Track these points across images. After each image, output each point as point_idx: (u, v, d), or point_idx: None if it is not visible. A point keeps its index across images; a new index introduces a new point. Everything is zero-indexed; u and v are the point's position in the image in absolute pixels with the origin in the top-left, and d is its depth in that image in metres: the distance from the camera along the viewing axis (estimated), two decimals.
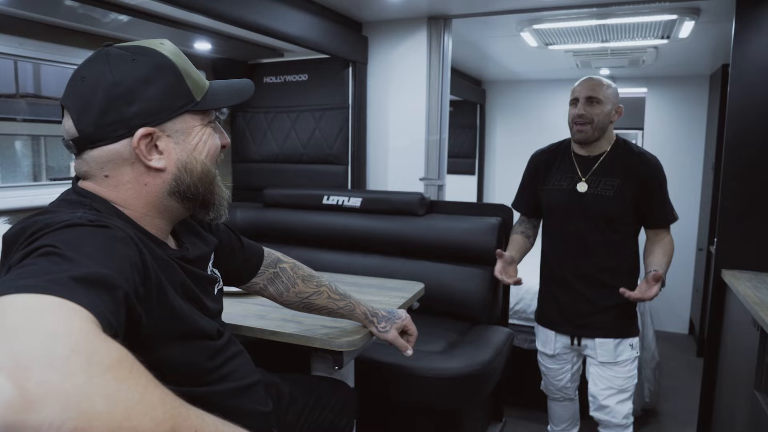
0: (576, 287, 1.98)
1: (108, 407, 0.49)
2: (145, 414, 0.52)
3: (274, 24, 2.24)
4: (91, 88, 0.87)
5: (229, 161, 3.25)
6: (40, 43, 2.09)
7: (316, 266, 2.45)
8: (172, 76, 0.91)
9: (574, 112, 1.92)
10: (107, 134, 0.87)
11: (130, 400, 0.51)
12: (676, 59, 3.66)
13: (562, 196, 1.97)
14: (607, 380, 1.98)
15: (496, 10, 2.66)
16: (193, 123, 0.94)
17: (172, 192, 0.94)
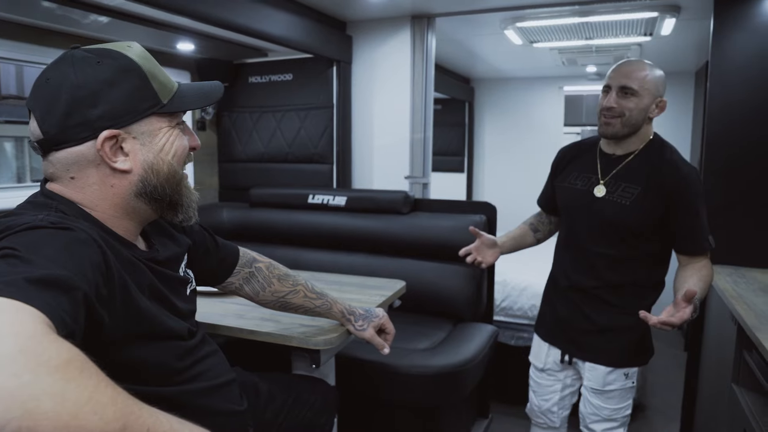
0: (574, 300, 1.75)
1: (55, 406, 0.50)
2: (94, 413, 0.53)
3: (257, 24, 2.24)
4: (55, 90, 0.88)
5: (216, 161, 3.26)
6: (19, 44, 2.09)
7: (302, 265, 2.49)
8: (137, 79, 0.91)
9: (603, 102, 1.62)
10: (71, 136, 0.88)
11: (79, 399, 0.52)
12: (661, 56, 3.68)
13: (574, 197, 1.74)
14: (594, 407, 1.77)
15: (479, 9, 2.67)
16: (159, 125, 0.95)
17: (138, 193, 0.94)
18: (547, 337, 1.87)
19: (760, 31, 2.17)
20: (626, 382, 1.73)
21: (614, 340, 1.71)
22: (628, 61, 1.63)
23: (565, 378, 1.87)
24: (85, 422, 0.51)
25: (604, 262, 1.68)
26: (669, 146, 1.69)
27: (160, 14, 2.08)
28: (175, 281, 1.10)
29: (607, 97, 1.61)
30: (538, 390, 1.93)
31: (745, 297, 1.86)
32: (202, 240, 1.29)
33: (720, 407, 2.00)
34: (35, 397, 0.49)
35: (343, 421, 1.98)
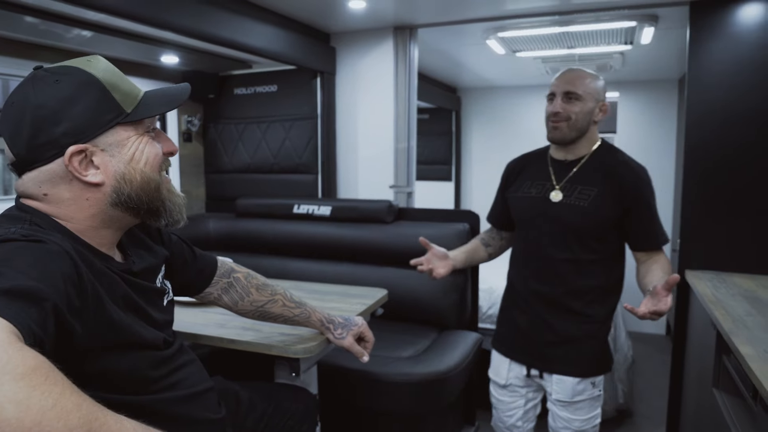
0: (537, 311, 1.73)
1: (18, 413, 0.51)
2: (58, 419, 0.54)
3: (240, 38, 2.27)
4: (19, 113, 0.89)
5: (202, 172, 3.27)
6: (4, 58, 2.11)
7: (288, 275, 2.50)
8: (98, 92, 0.92)
9: (549, 108, 1.68)
10: (39, 155, 0.90)
11: (43, 406, 0.54)
12: (644, 64, 3.74)
13: (529, 205, 1.74)
14: (565, 420, 1.76)
15: (459, 20, 2.71)
16: (126, 134, 0.95)
17: (114, 203, 0.96)
18: (509, 353, 1.84)
19: (735, 39, 2.21)
20: (594, 391, 1.74)
21: (581, 350, 1.70)
22: (570, 69, 1.70)
23: (527, 393, 1.85)
24: (49, 428, 0.53)
25: (568, 267, 1.68)
26: (618, 149, 1.76)
27: (143, 28, 2.10)
28: (152, 292, 1.11)
29: (552, 103, 1.67)
30: (500, 407, 1.90)
31: (723, 302, 1.89)
32: (180, 251, 1.30)
33: (703, 412, 2.01)
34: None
35: (327, 430, 1.99)
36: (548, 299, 1.71)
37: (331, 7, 2.52)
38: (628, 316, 4.27)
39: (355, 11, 2.56)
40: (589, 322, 1.70)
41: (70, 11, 1.80)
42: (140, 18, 1.86)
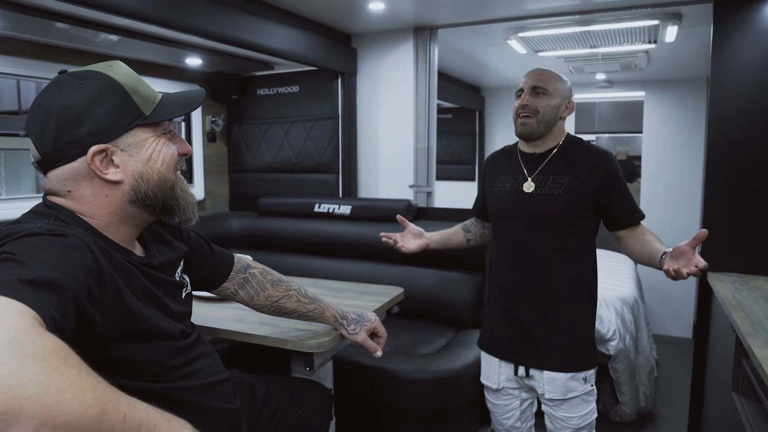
0: (523, 305, 1.71)
1: (39, 392, 0.56)
2: (74, 398, 0.58)
3: (261, 40, 2.32)
4: (45, 114, 0.95)
5: (226, 171, 3.35)
6: (37, 62, 2.20)
7: (309, 273, 2.54)
8: (119, 95, 0.98)
9: (518, 102, 1.70)
10: (64, 155, 0.95)
11: (61, 386, 0.58)
12: (671, 62, 3.68)
13: (505, 198, 1.75)
14: (562, 420, 1.73)
15: (479, 20, 2.72)
16: (144, 136, 1.00)
17: (132, 201, 1.01)
18: (497, 352, 1.81)
19: (760, 38, 2.17)
20: (586, 386, 1.71)
21: (569, 343, 1.69)
22: (538, 68, 1.74)
23: (521, 393, 1.82)
24: (65, 407, 0.57)
25: (550, 256, 1.68)
26: (582, 139, 1.78)
27: (168, 32, 2.17)
28: (170, 285, 1.15)
29: (523, 98, 1.69)
30: (496, 410, 1.88)
31: (744, 305, 1.86)
32: (199, 247, 1.35)
33: (723, 416, 1.98)
34: (22, 383, 0.55)
35: (344, 425, 2.02)
36: (535, 291, 1.70)
37: (352, 8, 2.56)
38: (653, 318, 4.21)
39: (375, 12, 2.60)
40: (573, 311, 1.70)
41: (98, 17, 1.88)
42: (165, 22, 1.93)
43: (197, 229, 1.34)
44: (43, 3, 1.73)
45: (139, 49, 2.32)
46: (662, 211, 4.29)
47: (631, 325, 2.97)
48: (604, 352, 2.78)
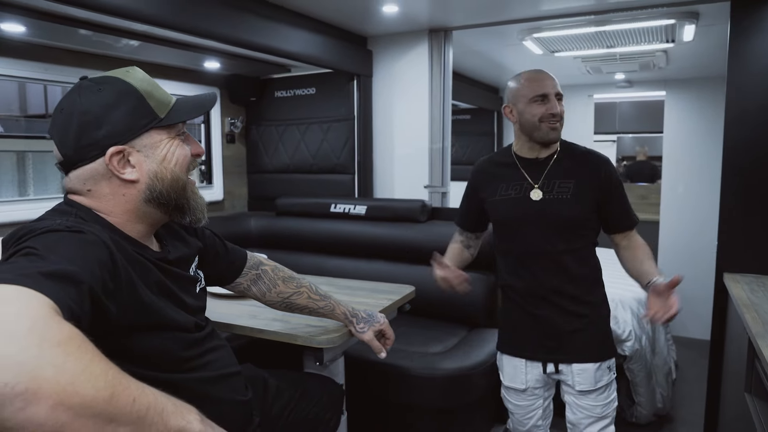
0: (546, 305, 1.75)
1: (56, 374, 0.61)
2: (88, 381, 0.64)
3: (277, 43, 2.38)
4: (67, 118, 1.02)
5: (245, 172, 3.42)
6: (62, 67, 2.29)
7: (325, 272, 2.59)
8: (135, 99, 1.03)
9: (546, 110, 1.68)
10: (84, 156, 1.01)
11: (76, 369, 0.63)
12: (690, 61, 3.63)
13: (513, 206, 1.75)
14: (586, 409, 1.77)
15: (494, 21, 2.73)
16: (159, 137, 1.06)
17: (147, 199, 1.06)
18: (524, 353, 1.81)
19: None
20: (610, 375, 1.78)
21: (593, 335, 1.76)
22: (544, 72, 1.74)
23: (544, 392, 1.85)
24: (80, 389, 0.62)
25: (567, 258, 1.72)
26: (573, 143, 1.82)
27: (187, 36, 2.24)
28: (185, 279, 1.20)
29: (548, 104, 1.68)
30: (519, 411, 1.87)
31: (758, 305, 1.85)
32: (213, 245, 1.40)
33: (737, 418, 1.97)
34: (40, 367, 0.61)
35: (357, 422, 2.06)
36: (556, 291, 1.74)
37: (367, 11, 2.60)
38: (677, 321, 4.16)
39: (389, 15, 2.63)
40: (593, 306, 1.76)
41: (118, 23, 1.95)
42: (183, 28, 2.00)
43: (213, 228, 1.40)
44: (67, 11, 1.81)
45: (158, 54, 2.40)
46: (682, 212, 4.24)
47: (648, 326, 2.95)
48: (619, 352, 2.76)
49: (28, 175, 3.14)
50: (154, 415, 0.72)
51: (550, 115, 1.68)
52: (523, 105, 1.70)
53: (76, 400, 0.62)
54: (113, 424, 0.65)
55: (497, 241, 1.86)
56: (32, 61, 2.22)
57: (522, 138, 1.76)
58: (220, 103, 3.16)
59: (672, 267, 4.33)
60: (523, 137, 1.75)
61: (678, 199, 4.31)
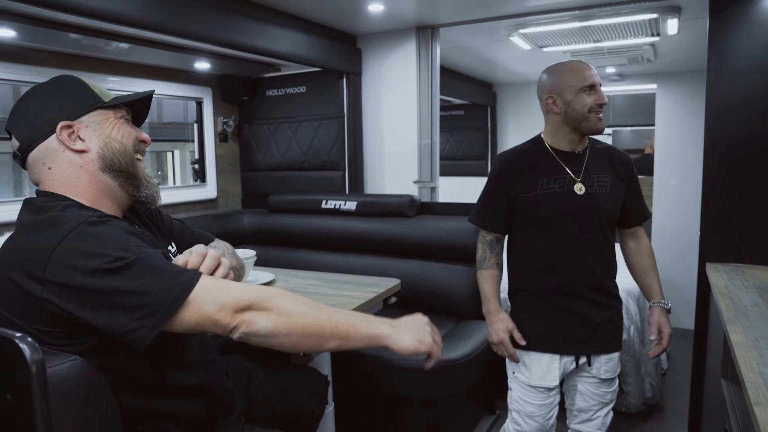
0: (583, 298, 1.74)
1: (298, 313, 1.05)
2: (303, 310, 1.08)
3: (266, 44, 2.43)
4: (22, 108, 1.15)
5: (238, 170, 3.47)
6: (54, 70, 2.34)
7: (316, 267, 2.63)
8: (81, 87, 1.18)
9: (594, 100, 1.66)
10: (38, 134, 1.13)
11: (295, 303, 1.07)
12: (679, 55, 3.66)
13: (559, 201, 1.70)
14: (600, 396, 1.81)
15: (479, 18, 2.77)
16: (106, 116, 1.17)
17: (102, 168, 1.15)
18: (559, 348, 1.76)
19: (757, 30, 2.17)
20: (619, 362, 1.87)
21: (617, 325, 1.82)
22: (584, 62, 1.72)
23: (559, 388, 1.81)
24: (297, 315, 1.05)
25: (604, 251, 1.75)
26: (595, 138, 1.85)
27: (176, 38, 2.28)
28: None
29: (596, 94, 1.67)
30: (541, 412, 1.78)
31: (733, 293, 1.89)
32: (181, 231, 1.48)
33: (716, 403, 2.01)
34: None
35: (346, 413, 2.11)
36: (593, 284, 1.74)
37: (354, 10, 2.64)
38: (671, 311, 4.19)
39: (376, 14, 2.67)
40: (618, 298, 1.83)
41: (108, 27, 2.00)
42: (172, 31, 2.05)
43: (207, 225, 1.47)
44: (56, 16, 1.86)
45: (149, 55, 2.45)
46: (674, 204, 4.27)
47: (636, 317, 2.99)
48: None
49: (24, 176, 3.23)
50: (350, 328, 1.08)
51: (598, 105, 1.67)
52: (572, 95, 1.66)
53: (297, 324, 1.04)
54: (323, 338, 1.05)
55: (525, 239, 1.77)
56: (26, 64, 2.28)
57: (564, 129, 1.71)
58: (213, 102, 3.22)
59: (664, 258, 4.35)
60: (565, 128, 1.71)
61: (670, 191, 4.34)
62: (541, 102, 1.76)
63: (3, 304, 1.01)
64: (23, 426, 0.83)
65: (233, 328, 1.01)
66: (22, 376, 0.82)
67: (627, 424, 2.92)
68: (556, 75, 1.70)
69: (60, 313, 0.96)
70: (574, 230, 1.71)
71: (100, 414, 0.97)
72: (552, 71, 1.73)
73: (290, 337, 1.04)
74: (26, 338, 0.83)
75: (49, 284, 0.94)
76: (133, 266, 0.97)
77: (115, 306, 0.95)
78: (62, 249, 0.96)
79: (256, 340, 1.03)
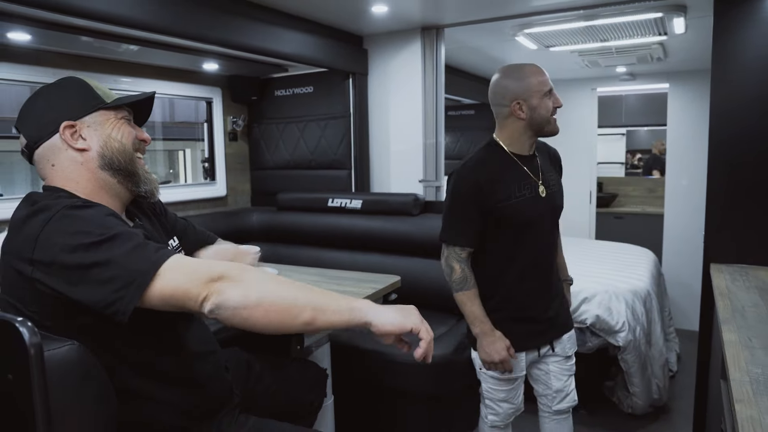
0: (549, 294, 1.83)
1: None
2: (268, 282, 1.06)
3: (273, 46, 2.49)
4: (29, 108, 1.22)
5: (247, 169, 3.54)
6: (68, 71, 2.42)
7: (322, 264, 2.68)
8: (84, 88, 1.23)
9: (553, 103, 1.69)
10: (43, 133, 1.18)
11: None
12: (690, 53, 3.63)
13: (531, 206, 1.72)
14: (568, 370, 1.92)
15: (483, 18, 2.79)
16: (107, 116, 1.23)
17: (101, 166, 1.21)
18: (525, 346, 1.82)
19: (762, 29, 2.16)
20: None
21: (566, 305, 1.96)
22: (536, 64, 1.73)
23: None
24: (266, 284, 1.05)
25: (557, 244, 1.93)
26: None
27: (184, 40, 2.34)
28: None
29: (554, 97, 1.70)
30: (511, 395, 1.87)
31: (734, 293, 1.89)
32: (184, 228, 1.55)
33: (720, 405, 2.01)
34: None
35: (347, 407, 2.14)
36: (553, 280, 1.87)
37: (358, 12, 2.68)
38: (680, 313, 4.16)
39: (380, 15, 2.71)
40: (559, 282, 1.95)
41: (118, 30, 2.07)
42: (180, 34, 2.11)
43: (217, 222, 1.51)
44: (69, 20, 1.93)
45: (158, 57, 2.52)
46: (686, 205, 4.23)
47: (643, 318, 2.97)
48: (613, 343, 2.81)
49: None
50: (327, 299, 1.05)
51: (555, 108, 1.71)
52: (537, 100, 1.66)
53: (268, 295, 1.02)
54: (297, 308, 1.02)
55: (500, 248, 1.75)
56: (40, 66, 2.36)
57: (526, 134, 1.72)
58: (222, 102, 3.28)
59: (675, 259, 4.32)
60: (528, 133, 1.71)
61: (682, 191, 4.31)
62: (500, 107, 1.73)
63: (6, 290, 1.09)
64: (23, 403, 0.88)
65: (204, 299, 1.00)
66: (22, 357, 0.87)
67: (633, 425, 2.91)
68: (520, 79, 1.68)
69: (50, 293, 1.02)
70: (544, 232, 1.78)
71: (96, 396, 1.02)
72: (514, 76, 1.69)
73: (260, 308, 1.00)
74: (26, 323, 0.89)
75: (38, 264, 1.01)
76: (111, 241, 1.01)
77: (95, 280, 0.99)
78: (48, 230, 1.02)
79: (226, 314, 1.00)
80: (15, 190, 3.52)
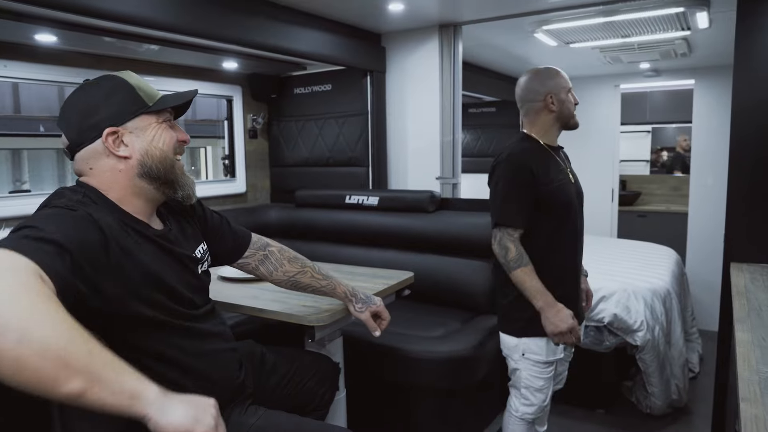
0: (578, 279, 1.98)
1: (23, 316, 0.78)
2: (48, 324, 0.80)
3: (291, 44, 2.52)
4: (71, 109, 1.21)
5: (267, 166, 3.59)
6: (92, 71, 2.50)
7: (339, 260, 2.71)
8: (127, 90, 1.21)
9: (574, 98, 1.91)
10: (86, 137, 1.19)
11: (41, 314, 0.80)
12: (716, 49, 3.55)
13: (568, 189, 1.89)
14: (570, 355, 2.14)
15: (501, 15, 2.78)
16: (149, 121, 1.23)
17: (140, 174, 1.22)
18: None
19: None
20: None
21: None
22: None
23: None
24: (41, 328, 0.79)
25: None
26: None
27: (204, 40, 2.40)
28: (186, 258, 1.32)
29: (573, 94, 1.92)
30: (547, 385, 1.92)
31: (751, 293, 1.86)
32: (219, 226, 1.55)
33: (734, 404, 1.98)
34: (11, 310, 0.78)
35: (359, 401, 2.16)
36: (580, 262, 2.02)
37: (375, 9, 2.70)
38: (704, 314, 4.08)
39: (397, 12, 2.72)
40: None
41: (139, 30, 2.13)
42: (200, 34, 2.16)
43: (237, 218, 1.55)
44: (92, 22, 1.99)
45: (179, 55, 2.58)
46: (711, 203, 4.14)
47: (662, 317, 2.93)
48: (631, 342, 2.78)
49: (66, 170, 3.44)
50: (109, 372, 0.83)
51: (576, 103, 1.93)
52: (564, 95, 1.88)
53: (36, 335, 0.77)
54: (67, 370, 0.78)
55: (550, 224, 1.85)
56: (66, 66, 2.44)
57: (555, 126, 1.92)
58: (242, 100, 3.34)
59: (700, 258, 4.24)
60: (556, 125, 1.92)
61: (707, 190, 4.22)
62: (533, 103, 1.90)
63: None
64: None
65: None
66: None
67: (651, 426, 2.88)
68: (550, 77, 1.88)
69: None
70: (578, 216, 1.94)
71: None
72: (543, 75, 1.89)
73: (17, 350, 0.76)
74: None
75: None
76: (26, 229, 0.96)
77: None
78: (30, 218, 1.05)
79: None
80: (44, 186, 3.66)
